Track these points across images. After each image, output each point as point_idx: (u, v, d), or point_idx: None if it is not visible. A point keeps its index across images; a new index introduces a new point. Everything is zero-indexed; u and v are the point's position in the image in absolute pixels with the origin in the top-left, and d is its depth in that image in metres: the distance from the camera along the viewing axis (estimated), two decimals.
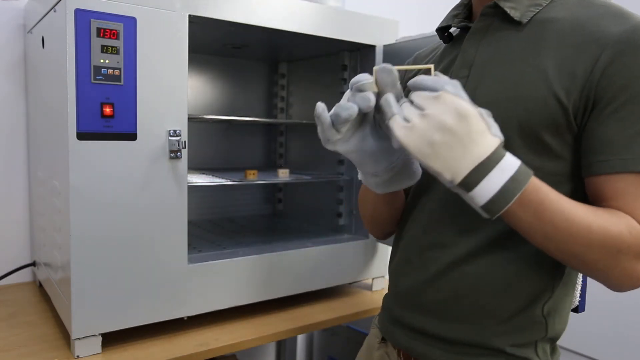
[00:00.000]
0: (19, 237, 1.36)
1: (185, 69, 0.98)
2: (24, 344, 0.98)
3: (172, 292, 1.02)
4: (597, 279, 0.65)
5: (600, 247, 0.60)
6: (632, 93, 0.61)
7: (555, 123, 0.65)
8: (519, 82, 0.67)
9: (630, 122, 0.61)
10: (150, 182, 0.96)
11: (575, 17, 0.67)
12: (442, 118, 0.57)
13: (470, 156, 0.57)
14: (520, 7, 0.71)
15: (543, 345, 0.72)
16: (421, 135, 0.57)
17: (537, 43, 0.68)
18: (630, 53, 0.61)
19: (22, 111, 1.34)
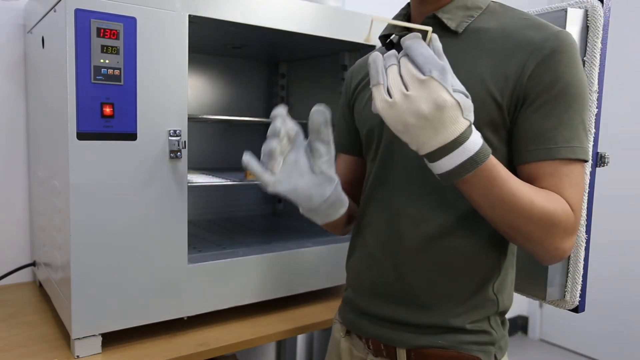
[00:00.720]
0: (19, 237, 1.36)
1: (185, 69, 0.98)
2: (24, 344, 0.98)
3: (172, 292, 1.02)
4: (528, 250, 0.74)
5: (538, 220, 0.69)
6: (553, 92, 0.70)
7: (493, 120, 0.73)
8: (472, 87, 0.72)
9: (553, 116, 0.71)
10: (150, 182, 0.96)
11: (503, 27, 0.76)
12: (421, 105, 0.61)
13: (438, 138, 0.63)
14: (455, 18, 0.79)
15: (495, 318, 0.81)
16: (399, 115, 0.62)
17: (473, 50, 0.76)
18: (552, 57, 0.70)
19: (22, 111, 1.34)
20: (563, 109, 0.70)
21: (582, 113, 0.72)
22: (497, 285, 0.80)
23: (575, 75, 0.71)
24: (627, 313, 2.52)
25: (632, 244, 2.49)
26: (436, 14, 0.79)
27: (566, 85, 0.70)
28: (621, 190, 2.46)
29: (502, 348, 0.82)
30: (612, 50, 1.03)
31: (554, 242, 0.71)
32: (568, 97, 0.70)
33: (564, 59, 0.70)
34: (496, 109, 0.73)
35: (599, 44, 0.86)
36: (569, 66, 0.70)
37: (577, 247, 0.91)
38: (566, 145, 0.70)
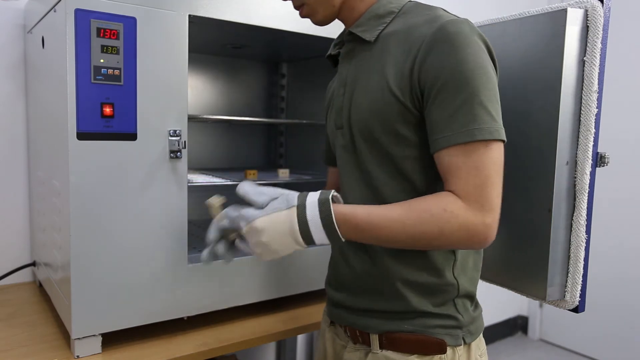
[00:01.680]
0: (19, 237, 1.36)
1: (185, 69, 0.98)
2: (24, 344, 0.98)
3: (172, 292, 1.02)
4: (452, 248, 0.79)
5: (421, 234, 0.73)
6: (442, 82, 0.73)
7: (402, 117, 0.78)
8: (373, 89, 0.81)
9: (446, 104, 0.73)
10: (150, 182, 0.96)
11: (407, 27, 0.79)
12: (261, 240, 0.78)
13: (292, 237, 0.77)
14: (369, 28, 0.84)
15: (460, 301, 0.83)
16: (266, 254, 0.80)
17: (383, 55, 0.81)
18: (436, 49, 0.73)
19: (22, 111, 1.34)
20: (454, 95, 0.72)
21: (478, 94, 0.72)
22: (456, 269, 0.83)
23: (461, 61, 0.72)
24: (627, 313, 2.52)
25: (632, 244, 2.49)
26: (351, 30, 0.85)
27: (452, 73, 0.72)
28: (621, 190, 2.46)
29: (473, 332, 0.84)
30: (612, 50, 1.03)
31: (459, 238, 0.73)
32: (456, 83, 0.72)
33: (446, 48, 0.73)
34: (400, 106, 0.77)
35: (599, 44, 0.86)
36: (452, 54, 0.72)
37: (577, 247, 0.91)
38: (462, 130, 0.72)
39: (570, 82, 0.87)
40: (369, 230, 0.75)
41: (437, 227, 0.72)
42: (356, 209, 0.77)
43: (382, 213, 0.75)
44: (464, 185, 0.72)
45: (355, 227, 0.76)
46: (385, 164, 0.81)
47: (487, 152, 0.72)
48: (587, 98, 0.87)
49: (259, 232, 0.77)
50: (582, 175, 0.89)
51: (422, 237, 0.74)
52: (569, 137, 0.88)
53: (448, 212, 0.72)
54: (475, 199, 0.72)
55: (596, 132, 0.89)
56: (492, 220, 0.73)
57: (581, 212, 0.90)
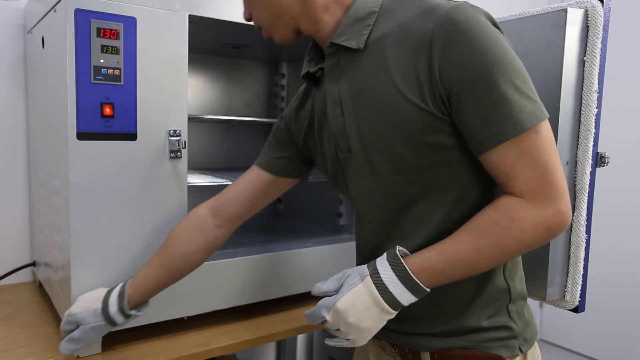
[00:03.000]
0: (19, 237, 1.36)
1: (185, 69, 0.98)
2: (24, 344, 0.98)
3: (172, 292, 1.02)
4: (535, 247, 0.70)
5: (500, 251, 0.68)
6: (470, 78, 0.66)
7: (428, 125, 0.70)
8: (382, 102, 0.72)
9: (483, 100, 0.66)
10: (150, 182, 0.96)
11: (400, 25, 0.71)
12: (348, 321, 0.71)
13: (378, 306, 0.70)
14: (353, 35, 0.75)
15: (513, 307, 0.78)
16: (358, 336, 0.72)
17: (379, 62, 0.72)
18: (451, 44, 0.66)
19: (22, 111, 1.34)
20: (488, 89, 0.66)
21: (512, 79, 0.66)
22: (507, 270, 0.77)
23: (483, 50, 0.65)
24: (627, 313, 2.52)
25: (632, 244, 2.49)
26: (332, 41, 0.76)
27: (478, 66, 0.66)
28: (621, 190, 2.46)
29: (528, 339, 0.79)
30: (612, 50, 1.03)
31: (535, 235, 0.67)
32: (487, 75, 0.66)
33: (462, 39, 0.66)
34: (427, 116, 0.69)
35: (599, 44, 0.86)
36: (471, 44, 0.65)
37: (577, 247, 0.91)
38: (509, 122, 0.65)
39: (570, 82, 0.87)
40: (448, 269, 0.69)
41: (513, 238, 0.67)
42: (427, 254, 0.71)
43: (453, 248, 0.69)
44: (525, 182, 0.66)
45: (434, 272, 0.70)
46: (414, 181, 0.74)
47: (538, 137, 0.66)
48: (587, 98, 0.87)
49: (343, 313, 0.71)
50: (582, 175, 0.89)
51: (502, 253, 0.68)
52: (569, 137, 0.88)
53: (517, 220, 0.66)
54: (541, 192, 0.66)
55: (596, 132, 0.89)
56: (566, 205, 0.67)
57: (581, 212, 0.90)
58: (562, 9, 0.86)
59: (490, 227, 0.68)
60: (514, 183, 0.67)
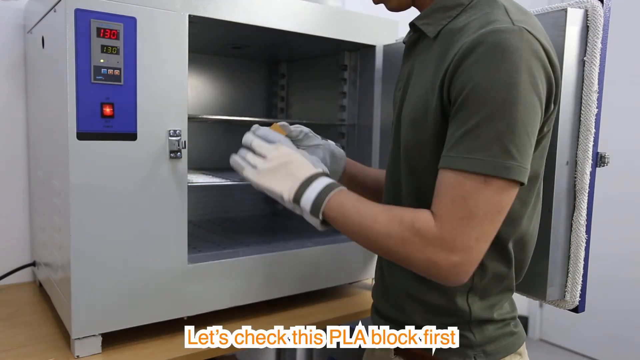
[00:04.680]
0: (19, 237, 1.36)
1: (185, 69, 0.98)
2: (24, 344, 0.98)
3: (172, 292, 1.02)
4: (415, 271, 0.71)
5: (386, 236, 0.69)
6: (464, 96, 0.65)
7: (434, 130, 0.72)
8: (417, 93, 0.75)
9: (461, 123, 0.66)
10: (150, 182, 0.96)
11: (462, 26, 0.72)
12: (278, 160, 0.81)
13: (297, 180, 0.78)
14: (433, 22, 0.77)
15: (476, 324, 0.78)
16: (266, 174, 0.81)
17: (441, 55, 0.72)
18: (469, 59, 0.65)
19: (22, 111, 1.34)
20: (470, 114, 0.64)
21: (495, 120, 0.63)
22: (471, 295, 0.77)
23: (489, 76, 0.63)
24: (627, 313, 2.52)
25: (632, 244, 2.49)
26: (414, 22, 0.80)
27: (475, 88, 0.64)
28: (621, 190, 2.46)
29: (489, 353, 0.78)
30: (612, 50, 1.03)
31: (419, 257, 0.67)
32: (476, 101, 0.64)
33: (479, 58, 0.64)
34: (435, 118, 0.71)
35: (599, 44, 0.86)
36: (482, 67, 0.64)
37: (577, 247, 0.91)
38: (464, 156, 0.64)
39: (570, 82, 0.87)
40: (347, 214, 0.74)
41: (401, 236, 0.68)
42: (353, 195, 0.76)
43: (367, 205, 0.74)
44: (444, 211, 0.66)
45: (342, 204, 0.75)
46: (410, 171, 0.77)
47: (481, 189, 0.64)
48: (587, 98, 0.87)
49: (287, 155, 0.81)
50: (582, 175, 0.89)
51: (386, 239, 0.70)
52: (569, 137, 0.88)
53: (416, 227, 0.67)
54: (449, 230, 0.65)
55: (596, 132, 0.88)
56: (461, 260, 0.65)
57: (581, 212, 0.90)
58: (562, 9, 0.86)
59: (397, 214, 0.70)
60: (438, 205, 0.67)
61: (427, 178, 0.73)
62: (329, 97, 1.49)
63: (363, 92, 1.37)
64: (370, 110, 1.33)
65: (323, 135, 1.01)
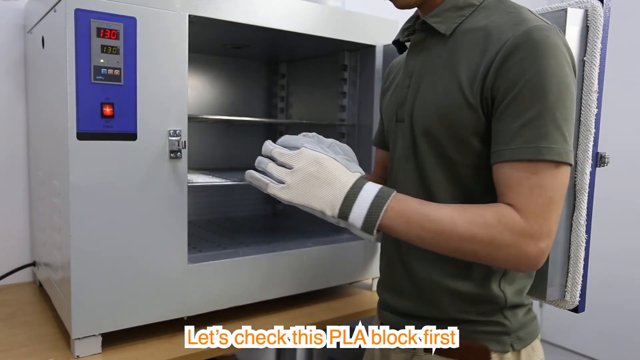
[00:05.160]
0: (19, 237, 1.36)
1: (185, 69, 0.98)
2: (24, 344, 0.98)
3: (172, 292, 1.02)
4: (498, 266, 0.74)
5: (470, 238, 0.69)
6: (517, 90, 0.68)
7: (471, 124, 0.73)
8: (442, 90, 0.76)
9: (517, 115, 0.69)
10: (150, 182, 0.96)
11: (487, 26, 0.74)
12: (308, 169, 0.74)
13: (336, 191, 0.73)
14: (445, 20, 0.78)
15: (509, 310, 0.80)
16: (297, 188, 0.74)
17: (457, 53, 0.76)
18: (516, 55, 0.68)
19: (22, 111, 1.34)
20: (527, 107, 0.68)
21: (554, 110, 0.68)
22: (503, 280, 0.79)
23: (542, 70, 0.67)
24: (627, 313, 2.52)
25: (632, 244, 2.49)
26: (425, 20, 0.80)
27: (529, 82, 0.68)
28: (621, 190, 2.46)
29: (522, 338, 0.81)
30: (612, 50, 1.03)
31: (508, 255, 0.69)
32: (532, 94, 0.68)
33: (528, 55, 0.68)
34: (473, 114, 0.73)
35: (599, 44, 0.86)
36: (533, 62, 0.68)
37: (577, 247, 0.91)
38: (529, 146, 0.68)
39: None
40: (413, 220, 0.71)
41: (489, 235, 0.68)
42: (411, 199, 0.74)
43: (435, 208, 0.72)
44: (525, 202, 0.68)
45: (405, 211, 0.71)
46: (444, 168, 0.78)
47: (555, 174, 0.68)
48: (587, 98, 0.87)
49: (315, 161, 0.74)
50: (582, 175, 0.89)
51: (471, 241, 0.69)
52: None
53: (503, 223, 0.68)
54: (535, 218, 0.67)
55: (596, 132, 0.88)
56: (547, 245, 0.68)
57: (581, 212, 0.90)
58: (562, 9, 0.86)
59: (478, 213, 0.70)
60: (516, 197, 0.69)
61: (463, 172, 0.76)
62: (329, 97, 1.49)
63: (363, 92, 1.37)
64: (370, 110, 1.33)
65: (322, 135, 1.01)
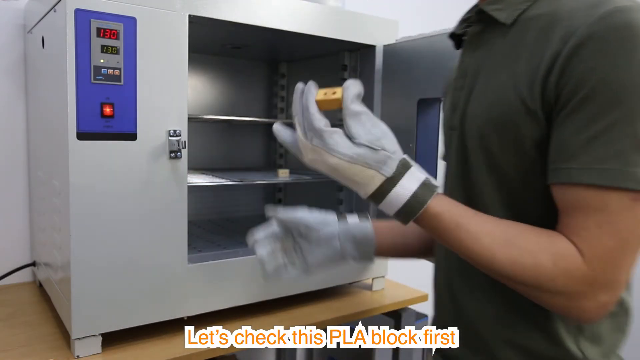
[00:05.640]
0: (19, 237, 1.36)
1: (185, 69, 0.98)
2: (24, 344, 0.98)
3: (172, 292, 1.02)
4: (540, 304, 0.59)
5: (510, 276, 0.57)
6: (588, 90, 0.54)
7: (529, 131, 0.59)
8: (496, 90, 0.63)
9: (584, 125, 0.54)
10: (150, 182, 0.96)
11: (555, 12, 0.60)
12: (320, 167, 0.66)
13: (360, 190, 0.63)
14: (507, 7, 0.65)
15: None
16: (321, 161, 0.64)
17: (518, 47, 0.62)
18: (590, 45, 0.54)
19: (22, 111, 1.34)
20: (600, 113, 0.53)
21: (634, 121, 0.52)
22: (582, 338, 0.63)
23: (621, 67, 0.52)
24: None
25: None
26: (482, 8, 0.68)
27: (603, 81, 0.53)
28: None
29: None
30: None
31: (558, 302, 0.56)
32: (606, 98, 0.53)
33: (604, 45, 0.53)
34: (530, 119, 0.59)
35: None
36: (611, 55, 0.52)
37: None
38: (598, 167, 0.53)
39: None
40: (452, 223, 0.60)
41: (537, 280, 0.55)
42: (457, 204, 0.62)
43: (479, 217, 0.61)
44: (591, 242, 0.54)
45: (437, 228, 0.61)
46: (498, 184, 0.64)
47: (632, 209, 0.53)
48: None
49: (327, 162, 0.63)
50: None
51: (510, 282, 0.58)
52: None
53: (560, 268, 0.54)
54: (601, 265, 0.53)
55: None
56: (610, 299, 0.55)
57: None
58: None
59: (527, 252, 0.56)
60: (579, 234, 0.55)
61: (518, 189, 0.63)
62: None
63: None
64: (370, 110, 1.33)
65: None
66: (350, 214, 0.90)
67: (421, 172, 0.63)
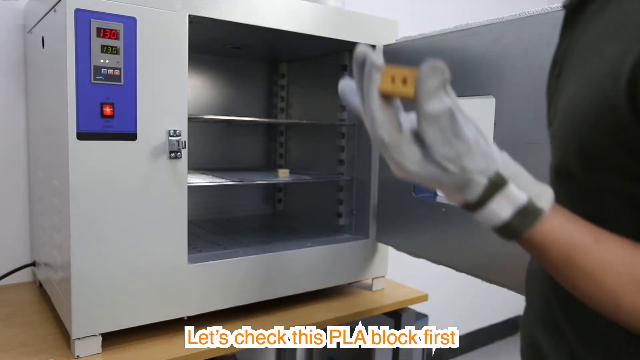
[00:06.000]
0: (19, 237, 1.36)
1: (185, 69, 0.98)
2: (24, 344, 0.98)
3: (172, 292, 1.02)
4: None
5: (610, 312, 0.46)
6: None
7: (623, 138, 0.46)
8: (587, 85, 0.49)
9: None
10: (150, 182, 0.96)
11: None
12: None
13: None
14: None
15: None
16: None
17: (616, 24, 0.48)
18: None
19: (22, 111, 1.34)
20: None
21: None
22: None
23: None
24: None
25: None
26: None
27: None
28: None
29: None
30: None
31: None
32: None
33: None
34: (624, 120, 0.45)
35: None
36: None
37: None
38: None
39: None
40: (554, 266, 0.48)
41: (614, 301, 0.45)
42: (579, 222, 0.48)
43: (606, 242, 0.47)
44: None
45: (540, 252, 0.48)
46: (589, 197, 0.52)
47: None
48: None
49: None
50: None
51: (610, 314, 0.46)
52: None
53: None
54: None
55: None
56: None
57: None
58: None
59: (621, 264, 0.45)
60: None
61: (604, 199, 0.51)
62: (329, 97, 1.49)
63: None
64: None
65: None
66: None
67: (523, 190, 0.47)
